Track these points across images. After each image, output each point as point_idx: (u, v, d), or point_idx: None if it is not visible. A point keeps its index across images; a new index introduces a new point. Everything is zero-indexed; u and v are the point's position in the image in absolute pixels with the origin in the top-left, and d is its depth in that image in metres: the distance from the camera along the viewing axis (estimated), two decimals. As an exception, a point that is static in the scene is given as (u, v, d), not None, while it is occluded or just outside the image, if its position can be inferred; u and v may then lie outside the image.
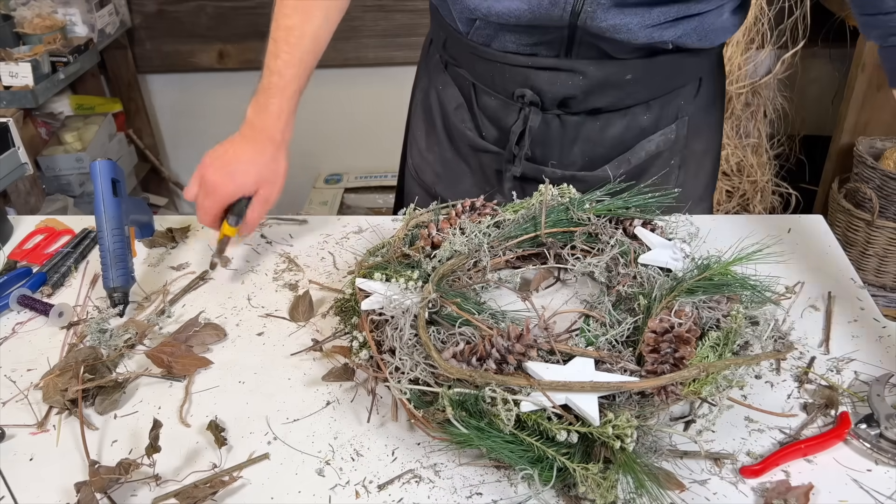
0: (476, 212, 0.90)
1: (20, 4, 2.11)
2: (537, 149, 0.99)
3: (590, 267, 0.84)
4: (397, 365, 0.69)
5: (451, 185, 1.10)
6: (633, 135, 0.98)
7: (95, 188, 0.88)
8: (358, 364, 0.75)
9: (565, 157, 1.00)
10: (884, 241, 2.00)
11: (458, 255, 0.82)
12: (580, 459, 0.62)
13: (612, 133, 0.97)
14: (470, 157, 1.07)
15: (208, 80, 2.64)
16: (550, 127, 0.97)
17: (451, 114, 1.05)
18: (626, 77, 0.90)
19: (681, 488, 0.64)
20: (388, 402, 0.74)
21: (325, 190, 2.71)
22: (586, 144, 0.98)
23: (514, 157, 0.99)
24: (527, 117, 0.95)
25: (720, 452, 0.67)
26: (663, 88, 0.95)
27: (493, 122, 1.01)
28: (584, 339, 0.73)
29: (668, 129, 0.99)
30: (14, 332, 0.86)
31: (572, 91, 0.92)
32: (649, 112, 0.96)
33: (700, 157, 1.06)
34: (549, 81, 0.92)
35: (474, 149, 1.05)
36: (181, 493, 0.64)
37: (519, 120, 0.96)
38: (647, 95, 0.95)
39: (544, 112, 0.95)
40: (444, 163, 1.10)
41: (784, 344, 0.78)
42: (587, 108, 0.95)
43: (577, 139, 0.98)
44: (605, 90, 0.92)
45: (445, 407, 0.64)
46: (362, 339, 0.73)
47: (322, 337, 0.83)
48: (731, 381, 0.67)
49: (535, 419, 0.62)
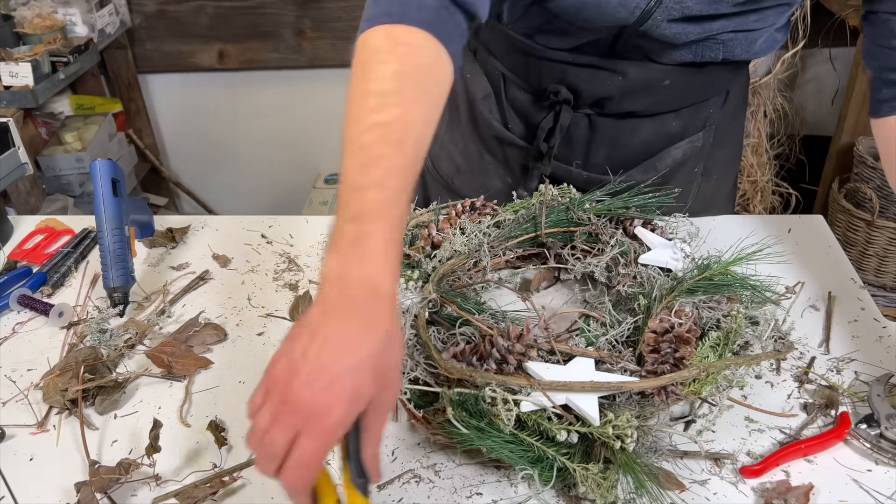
0: (476, 211, 0.90)
1: (20, 4, 2.11)
2: (562, 147, 0.97)
3: (590, 267, 0.84)
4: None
5: (471, 177, 1.07)
6: (660, 140, 0.97)
7: (95, 188, 0.88)
8: None
9: (590, 158, 0.98)
10: (884, 241, 2.00)
11: (458, 254, 0.82)
12: (580, 459, 0.62)
13: (640, 138, 0.96)
14: (496, 150, 1.04)
15: (208, 80, 2.63)
16: (579, 127, 0.95)
17: (478, 102, 1.02)
18: (665, 82, 0.89)
19: (681, 488, 0.64)
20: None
21: (325, 190, 2.71)
22: (613, 147, 0.97)
23: (541, 154, 0.98)
24: (557, 114, 0.93)
25: (720, 452, 0.67)
26: (697, 97, 0.94)
27: (520, 117, 0.99)
28: (584, 339, 0.73)
29: (696, 137, 0.98)
30: (14, 332, 0.86)
31: (610, 91, 0.90)
32: (679, 119, 0.95)
33: (724, 165, 1.05)
34: (587, 79, 0.90)
35: (500, 141, 1.03)
36: (181, 493, 0.64)
37: (549, 117, 0.95)
38: (680, 103, 0.94)
39: (576, 111, 0.94)
40: (467, 154, 1.08)
41: (784, 344, 0.78)
42: (621, 111, 0.93)
43: (604, 141, 0.96)
44: (643, 93, 0.91)
45: (446, 407, 0.64)
46: None
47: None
48: (731, 381, 0.67)
49: (535, 419, 0.62)
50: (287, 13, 2.46)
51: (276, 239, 1.03)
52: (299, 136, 2.73)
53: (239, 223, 1.07)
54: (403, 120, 0.60)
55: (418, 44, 0.66)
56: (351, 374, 0.50)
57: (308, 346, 0.51)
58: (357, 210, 0.56)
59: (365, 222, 0.55)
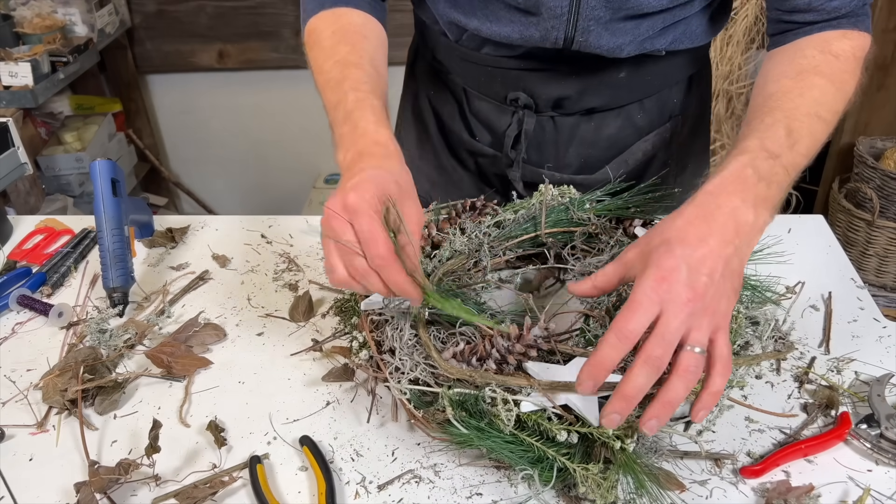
0: (476, 211, 0.90)
1: (20, 4, 2.11)
2: (532, 152, 0.99)
3: (590, 267, 0.84)
4: (397, 365, 0.68)
5: (448, 191, 1.09)
6: (628, 135, 0.98)
7: (95, 188, 0.88)
8: (358, 364, 0.75)
9: (561, 160, 0.99)
10: (884, 241, 2.00)
11: (459, 255, 0.82)
12: (580, 460, 0.61)
13: (606, 133, 0.97)
14: (468, 161, 1.06)
15: (208, 80, 2.64)
16: (545, 129, 0.96)
17: (445, 118, 1.04)
18: (621, 75, 0.90)
19: (681, 488, 0.64)
20: (388, 402, 0.74)
21: (325, 190, 2.71)
22: (582, 146, 0.98)
23: (511, 161, 0.98)
24: (521, 120, 0.95)
25: (720, 452, 0.67)
26: (658, 86, 0.95)
27: (486, 127, 1.01)
28: (584, 339, 0.73)
29: (664, 129, 0.99)
30: (14, 332, 0.86)
31: (566, 91, 0.91)
32: (643, 111, 0.96)
33: (698, 154, 1.06)
34: (542, 82, 0.91)
35: (471, 152, 1.04)
36: (181, 493, 0.64)
37: (513, 123, 0.96)
38: (641, 94, 0.95)
39: (538, 114, 0.95)
40: (441, 169, 1.09)
41: (784, 344, 0.78)
42: (582, 108, 0.94)
43: (572, 140, 0.97)
44: (600, 88, 0.92)
45: (445, 407, 0.64)
46: (362, 340, 0.73)
47: (322, 337, 0.83)
48: (731, 381, 0.67)
49: (535, 420, 0.62)
50: (287, 13, 2.46)
51: (276, 239, 1.03)
52: (299, 136, 2.73)
53: (239, 223, 1.07)
54: (355, 51, 0.77)
55: (347, 11, 0.83)
56: (374, 170, 0.64)
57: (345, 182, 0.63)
58: (344, 113, 0.70)
59: (353, 116, 0.69)
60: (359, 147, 0.67)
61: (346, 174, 0.65)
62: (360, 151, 0.66)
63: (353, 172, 0.63)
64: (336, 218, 0.61)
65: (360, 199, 0.60)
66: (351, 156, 0.66)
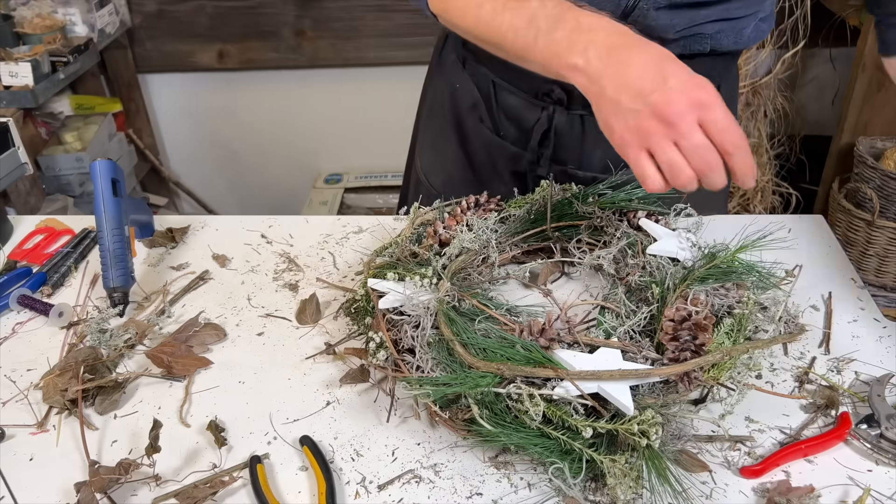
0: (481, 208, 0.90)
1: (20, 4, 2.11)
2: (558, 150, 0.98)
3: (598, 259, 0.84)
4: (418, 364, 0.68)
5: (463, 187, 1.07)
6: None
7: (95, 188, 0.88)
8: (376, 365, 0.74)
9: (585, 160, 0.98)
10: (884, 241, 2.00)
11: (468, 251, 0.82)
12: (605, 451, 0.62)
13: None
14: (485, 158, 1.05)
15: (208, 80, 2.63)
16: (573, 128, 0.95)
17: (465, 113, 1.03)
18: None
19: (705, 468, 0.65)
20: (399, 401, 0.74)
21: (325, 190, 2.71)
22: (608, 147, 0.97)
23: (538, 158, 0.98)
24: (551, 116, 0.94)
25: (740, 436, 0.68)
26: None
27: (512, 122, 0.99)
28: (602, 330, 0.73)
29: None
30: (14, 332, 0.86)
31: None
32: None
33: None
34: None
35: (490, 149, 1.03)
36: (181, 493, 0.64)
37: (542, 119, 0.95)
38: None
39: (569, 111, 0.94)
40: (457, 164, 1.08)
41: (795, 325, 0.77)
42: None
43: (599, 141, 0.96)
44: None
45: (471, 405, 0.64)
46: (379, 340, 0.73)
47: (331, 338, 0.83)
48: (749, 364, 0.68)
49: (559, 415, 0.62)
50: (287, 13, 2.46)
51: (276, 239, 1.03)
52: (299, 136, 2.73)
53: (239, 223, 1.07)
54: None
55: None
56: (682, 68, 0.66)
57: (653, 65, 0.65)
58: (547, 19, 0.69)
59: (557, 21, 0.69)
60: (615, 40, 0.66)
61: (626, 52, 0.65)
62: (629, 44, 0.66)
63: (659, 66, 0.64)
64: (684, 121, 0.62)
65: (709, 92, 0.62)
66: (623, 45, 0.66)
